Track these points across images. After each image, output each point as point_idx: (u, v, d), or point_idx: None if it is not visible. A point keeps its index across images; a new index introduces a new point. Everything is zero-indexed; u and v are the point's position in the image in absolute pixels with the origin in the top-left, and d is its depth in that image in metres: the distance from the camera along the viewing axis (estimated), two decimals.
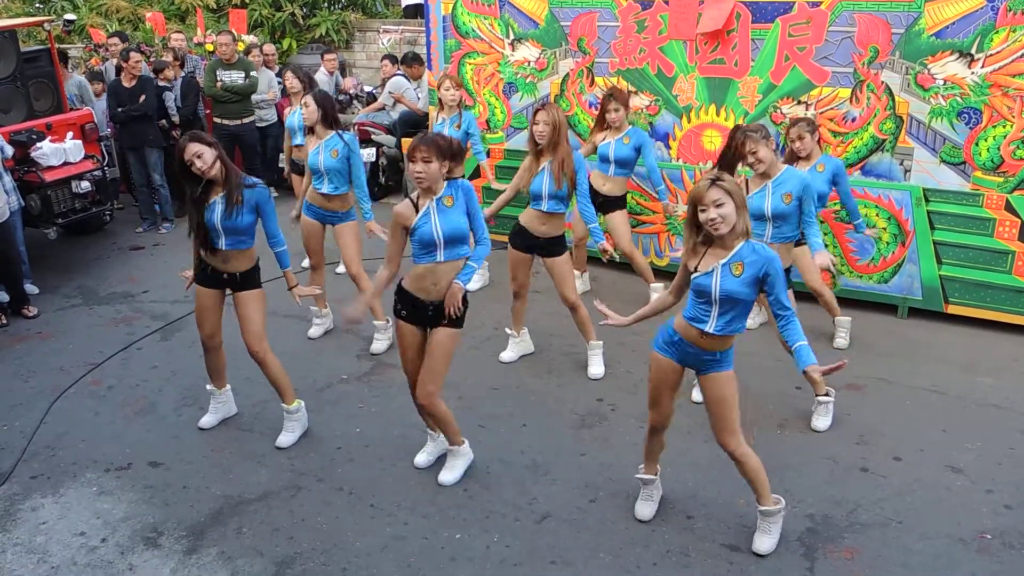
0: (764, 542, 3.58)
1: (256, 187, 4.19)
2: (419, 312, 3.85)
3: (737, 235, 3.24)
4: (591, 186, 5.79)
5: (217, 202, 4.14)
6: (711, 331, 3.32)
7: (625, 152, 5.76)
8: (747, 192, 4.41)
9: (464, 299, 3.87)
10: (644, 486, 3.84)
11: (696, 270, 3.32)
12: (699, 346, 3.38)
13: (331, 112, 5.33)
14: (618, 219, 5.92)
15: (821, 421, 4.51)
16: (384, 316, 5.52)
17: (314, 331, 5.77)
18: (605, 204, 5.89)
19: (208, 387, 4.66)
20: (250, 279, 4.35)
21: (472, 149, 6.32)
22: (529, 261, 5.09)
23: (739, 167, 4.47)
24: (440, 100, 6.35)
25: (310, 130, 5.38)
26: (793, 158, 5.09)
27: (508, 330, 5.34)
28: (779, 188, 4.36)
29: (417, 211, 3.77)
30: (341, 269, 7.06)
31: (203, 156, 4.02)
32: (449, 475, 4.09)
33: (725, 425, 3.44)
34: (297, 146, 6.74)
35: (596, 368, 5.14)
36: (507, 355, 5.33)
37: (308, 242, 5.64)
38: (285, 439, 4.47)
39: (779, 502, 3.58)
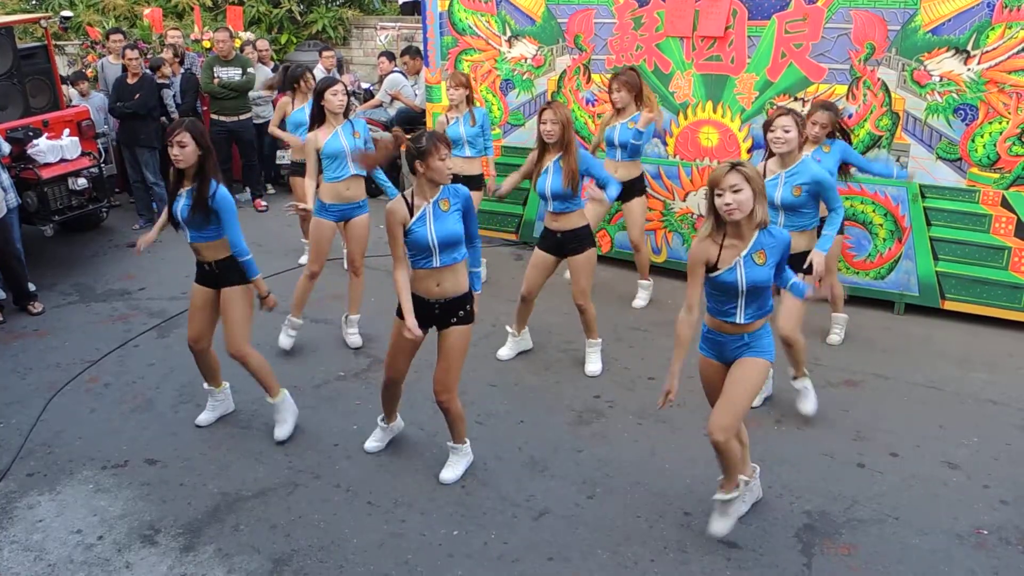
0: (721, 524, 3.56)
1: (219, 195, 4.12)
2: (425, 311, 3.81)
3: (754, 224, 3.22)
4: None
5: (183, 195, 4.17)
6: (742, 322, 3.34)
7: (629, 136, 5.68)
8: (764, 177, 4.35)
9: (471, 295, 3.88)
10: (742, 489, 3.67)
11: (717, 267, 3.27)
12: (730, 333, 3.39)
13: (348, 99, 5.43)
14: (636, 207, 5.90)
15: (807, 405, 4.49)
16: (357, 311, 5.56)
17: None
18: (623, 192, 5.76)
19: (205, 386, 4.66)
20: (232, 270, 4.27)
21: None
22: (548, 266, 5.01)
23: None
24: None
25: (320, 120, 5.28)
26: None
27: (509, 328, 5.33)
28: (791, 179, 4.28)
29: (412, 211, 3.71)
30: (305, 259, 7.05)
31: (185, 148, 4.04)
32: (450, 473, 4.08)
33: (728, 410, 3.34)
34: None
35: (594, 366, 5.14)
36: (504, 352, 5.33)
37: (320, 246, 5.40)
38: (281, 432, 4.46)
39: (739, 485, 3.52)
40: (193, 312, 4.41)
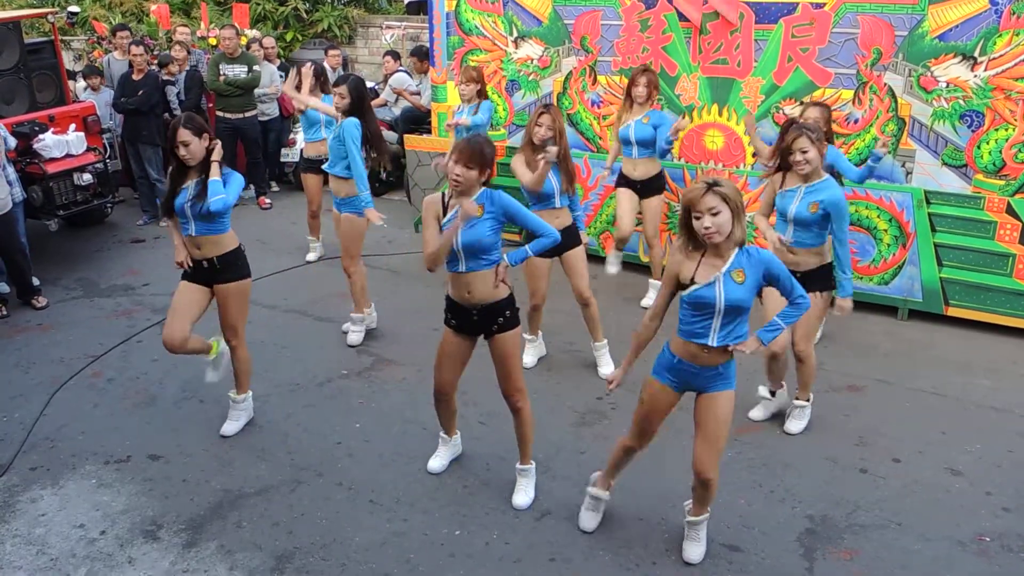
0: (696, 550, 3.55)
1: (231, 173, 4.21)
2: (465, 319, 3.73)
3: (733, 243, 3.13)
4: (624, 175, 5.87)
5: (189, 188, 4.15)
6: (713, 344, 3.20)
7: (646, 132, 5.70)
8: (781, 187, 4.29)
9: (511, 299, 3.76)
10: (591, 499, 3.77)
11: (693, 282, 3.17)
12: (701, 364, 3.26)
13: (359, 102, 5.24)
14: (654, 204, 5.93)
15: (796, 424, 4.49)
16: (364, 309, 5.56)
17: (353, 338, 5.60)
18: (643, 189, 5.87)
19: (207, 366, 4.64)
20: (230, 266, 4.29)
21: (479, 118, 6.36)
22: (548, 268, 4.99)
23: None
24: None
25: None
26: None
27: (526, 335, 5.28)
28: (810, 195, 4.16)
29: (446, 211, 3.64)
30: (311, 256, 7.14)
31: (190, 146, 4.04)
32: (523, 498, 3.93)
33: (715, 449, 3.32)
34: (316, 141, 6.75)
35: (607, 368, 5.10)
36: (527, 360, 5.25)
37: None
38: (230, 428, 4.51)
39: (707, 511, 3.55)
40: (178, 309, 4.33)
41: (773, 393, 4.61)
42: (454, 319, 3.78)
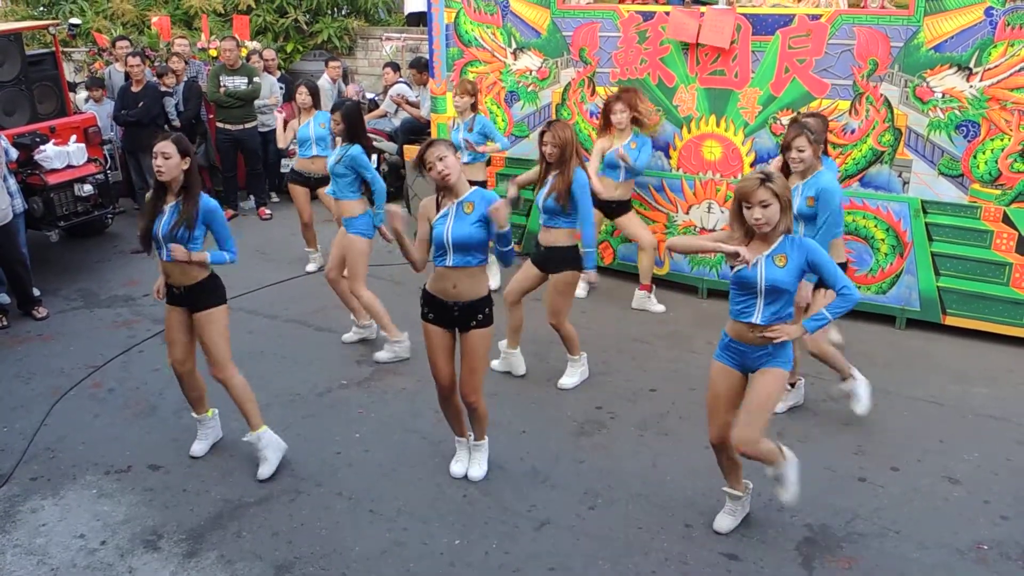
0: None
1: (207, 206, 4.02)
2: (445, 313, 3.88)
3: (779, 232, 3.33)
4: (595, 194, 5.83)
5: (165, 212, 3.99)
6: (758, 322, 3.37)
7: (634, 157, 5.90)
8: None
9: (489, 298, 3.92)
10: (729, 500, 3.81)
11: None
12: (749, 343, 3.42)
13: (354, 127, 5.37)
14: (632, 218, 6.16)
15: (858, 406, 4.58)
16: (365, 320, 5.65)
17: (348, 336, 5.77)
18: (617, 208, 6.09)
19: (193, 415, 4.46)
20: (204, 294, 4.10)
21: (498, 143, 6.42)
22: (530, 276, 5.01)
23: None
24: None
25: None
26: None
27: (500, 344, 5.23)
28: (807, 190, 4.34)
29: (438, 210, 3.81)
30: (311, 267, 7.21)
31: (169, 159, 3.88)
32: (478, 470, 4.16)
33: (751, 420, 3.43)
34: (306, 157, 6.84)
35: (569, 379, 5.12)
36: (496, 363, 5.23)
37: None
38: (264, 470, 4.20)
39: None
40: (170, 335, 4.23)
41: (792, 385, 4.70)
42: (431, 312, 3.92)
